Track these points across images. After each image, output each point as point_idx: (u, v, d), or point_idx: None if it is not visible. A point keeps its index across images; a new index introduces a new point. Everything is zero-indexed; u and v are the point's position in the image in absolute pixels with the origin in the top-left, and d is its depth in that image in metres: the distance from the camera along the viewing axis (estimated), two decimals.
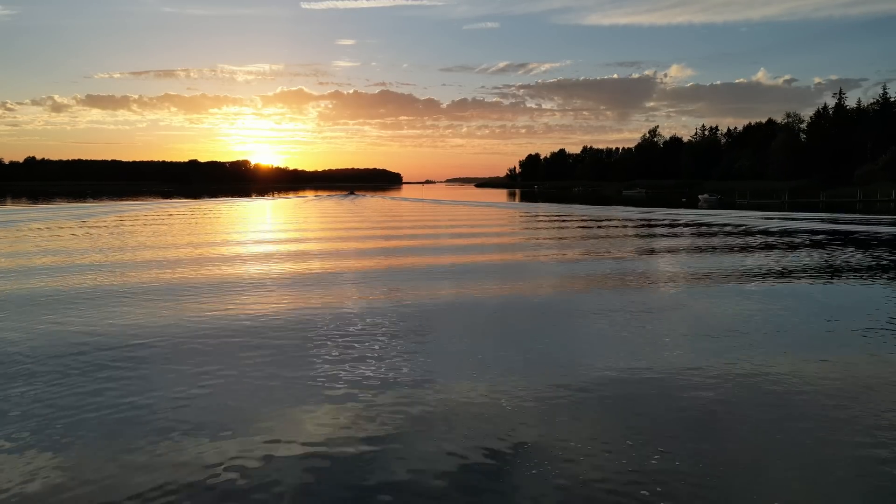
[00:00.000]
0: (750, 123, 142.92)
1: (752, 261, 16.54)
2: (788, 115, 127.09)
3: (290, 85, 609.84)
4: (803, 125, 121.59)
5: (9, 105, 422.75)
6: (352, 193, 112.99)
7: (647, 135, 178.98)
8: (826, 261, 16.51)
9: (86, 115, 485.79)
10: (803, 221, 32.45)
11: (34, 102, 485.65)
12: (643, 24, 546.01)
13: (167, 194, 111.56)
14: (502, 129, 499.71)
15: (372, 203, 72.21)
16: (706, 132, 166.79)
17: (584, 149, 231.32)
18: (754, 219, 35.48)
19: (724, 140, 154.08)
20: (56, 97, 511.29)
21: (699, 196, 66.03)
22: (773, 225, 30.39)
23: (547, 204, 64.66)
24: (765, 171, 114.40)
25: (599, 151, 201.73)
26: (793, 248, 19.78)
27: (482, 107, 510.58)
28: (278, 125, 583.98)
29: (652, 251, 19.83)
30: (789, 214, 39.70)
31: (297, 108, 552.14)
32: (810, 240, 22.40)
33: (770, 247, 20.09)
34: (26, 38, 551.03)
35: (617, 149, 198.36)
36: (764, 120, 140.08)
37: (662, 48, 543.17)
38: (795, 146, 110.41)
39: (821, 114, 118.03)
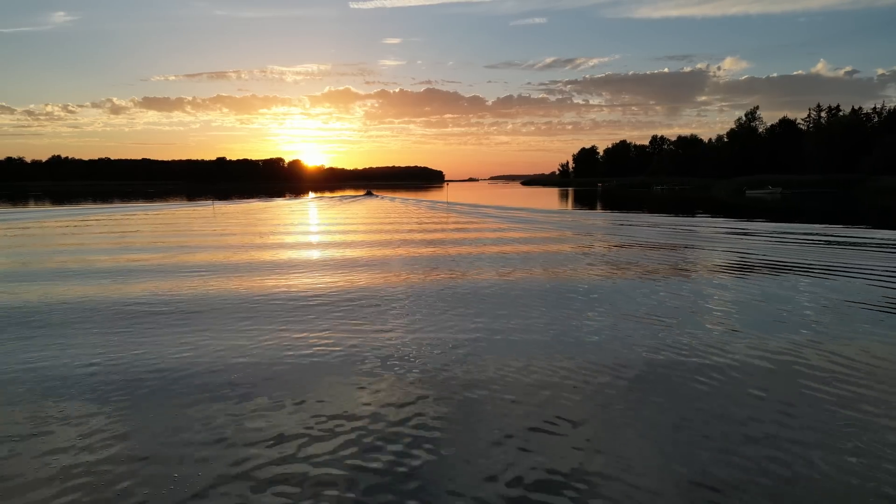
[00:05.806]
0: None
1: None
2: None
3: (337, 85, 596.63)
4: None
5: (70, 108, 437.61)
6: (369, 194, 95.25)
7: (743, 119, 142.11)
8: None
9: (143, 117, 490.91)
10: None
11: (94, 105, 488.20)
12: (696, 16, 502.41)
13: (152, 195, 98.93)
14: (548, 126, 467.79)
15: (356, 210, 50.26)
16: (823, 113, 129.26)
17: (654, 139, 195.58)
18: None
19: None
20: (115, 100, 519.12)
21: None
22: None
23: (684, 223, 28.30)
24: None
25: (682, 139, 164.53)
26: None
27: (528, 103, 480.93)
28: (325, 124, 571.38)
29: None
30: None
31: (344, 108, 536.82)
32: None
33: None
34: (86, 43, 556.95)
35: (691, 136, 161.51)
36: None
37: (716, 40, 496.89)
38: None
39: None
